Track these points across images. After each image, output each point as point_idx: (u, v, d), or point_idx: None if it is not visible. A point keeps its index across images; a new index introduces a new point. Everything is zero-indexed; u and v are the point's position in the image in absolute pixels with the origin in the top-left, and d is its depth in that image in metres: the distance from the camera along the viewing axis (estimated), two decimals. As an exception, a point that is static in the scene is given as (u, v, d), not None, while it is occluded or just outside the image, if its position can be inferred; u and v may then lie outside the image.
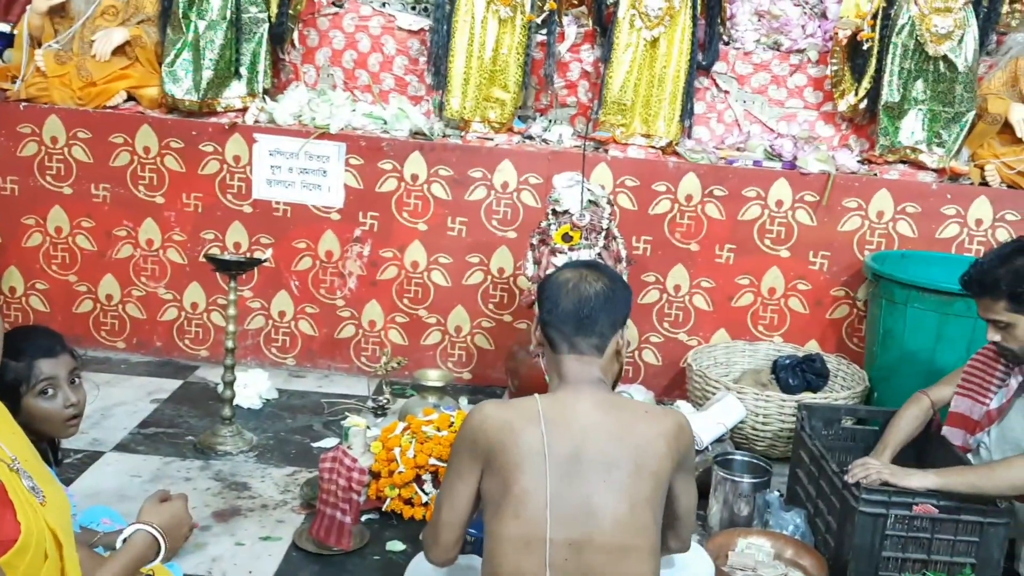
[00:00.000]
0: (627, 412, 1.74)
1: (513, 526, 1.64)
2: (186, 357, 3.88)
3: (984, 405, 2.53)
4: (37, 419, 1.88)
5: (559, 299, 1.77)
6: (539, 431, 1.66)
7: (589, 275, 1.80)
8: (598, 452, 1.66)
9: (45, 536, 1.46)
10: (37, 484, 1.51)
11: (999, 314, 2.33)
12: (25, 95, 3.76)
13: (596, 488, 1.64)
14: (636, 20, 3.75)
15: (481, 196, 3.70)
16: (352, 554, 2.50)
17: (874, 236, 3.63)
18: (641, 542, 1.65)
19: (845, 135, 3.99)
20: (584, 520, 1.63)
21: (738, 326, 3.74)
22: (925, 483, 2.30)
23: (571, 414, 1.70)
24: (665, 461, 1.69)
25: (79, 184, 3.76)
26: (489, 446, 1.69)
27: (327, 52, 4.10)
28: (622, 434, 1.69)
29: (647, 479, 1.66)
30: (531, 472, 1.64)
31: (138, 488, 2.81)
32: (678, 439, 1.73)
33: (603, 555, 1.63)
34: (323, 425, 3.37)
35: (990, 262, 2.36)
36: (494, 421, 1.70)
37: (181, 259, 3.81)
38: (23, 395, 1.85)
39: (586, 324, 1.75)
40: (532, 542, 1.62)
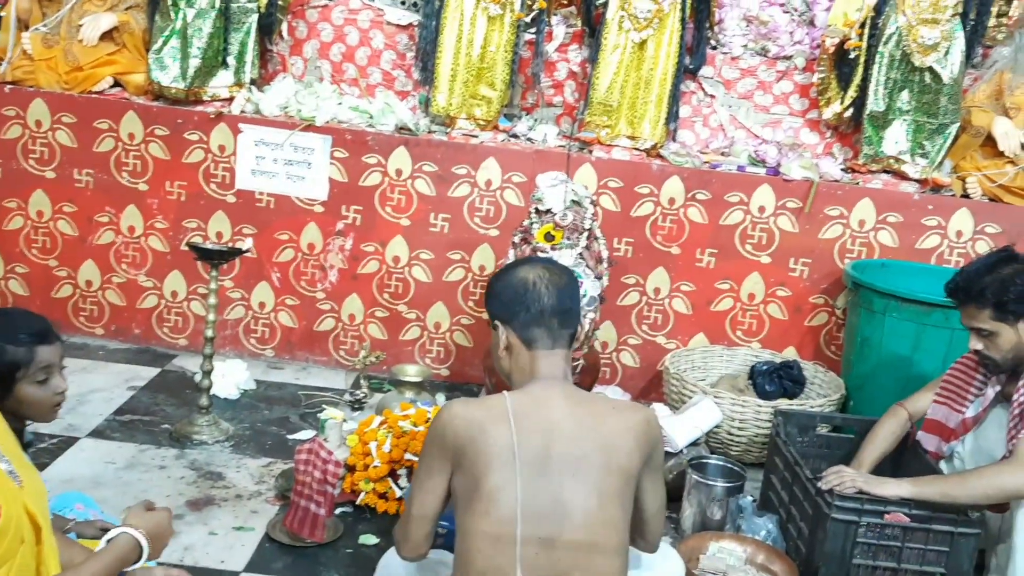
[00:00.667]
0: (596, 407, 1.75)
1: (484, 523, 1.64)
2: (165, 345, 3.87)
3: (960, 413, 2.54)
4: (26, 404, 1.88)
5: (540, 297, 1.77)
6: (509, 429, 1.66)
7: (552, 269, 1.83)
8: (567, 447, 1.67)
9: (23, 520, 1.46)
10: (15, 468, 1.51)
11: (983, 322, 2.35)
12: (11, 77, 3.74)
13: (565, 484, 1.65)
14: (625, 22, 3.75)
15: (465, 193, 3.70)
16: (325, 546, 2.51)
17: (855, 244, 3.66)
18: (610, 537, 1.66)
19: (829, 143, 4.02)
20: (554, 516, 1.64)
21: (717, 331, 3.76)
22: (899, 492, 2.31)
23: (542, 410, 1.71)
24: (634, 456, 1.70)
25: (62, 169, 3.75)
26: (458, 444, 1.69)
27: (315, 44, 4.09)
28: (591, 429, 1.69)
29: (616, 474, 1.67)
30: (501, 470, 1.65)
31: (112, 475, 2.80)
32: (647, 434, 1.74)
33: (573, 550, 1.64)
34: (300, 417, 3.37)
35: (976, 270, 2.38)
36: (462, 420, 1.70)
37: (163, 247, 3.80)
38: (19, 380, 1.84)
39: (569, 315, 1.78)
40: (503, 539, 1.63)
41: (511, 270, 1.85)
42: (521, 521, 1.62)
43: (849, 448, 2.90)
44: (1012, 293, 2.31)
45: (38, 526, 1.50)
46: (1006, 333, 2.35)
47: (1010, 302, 2.31)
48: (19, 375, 1.83)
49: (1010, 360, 2.39)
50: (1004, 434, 2.37)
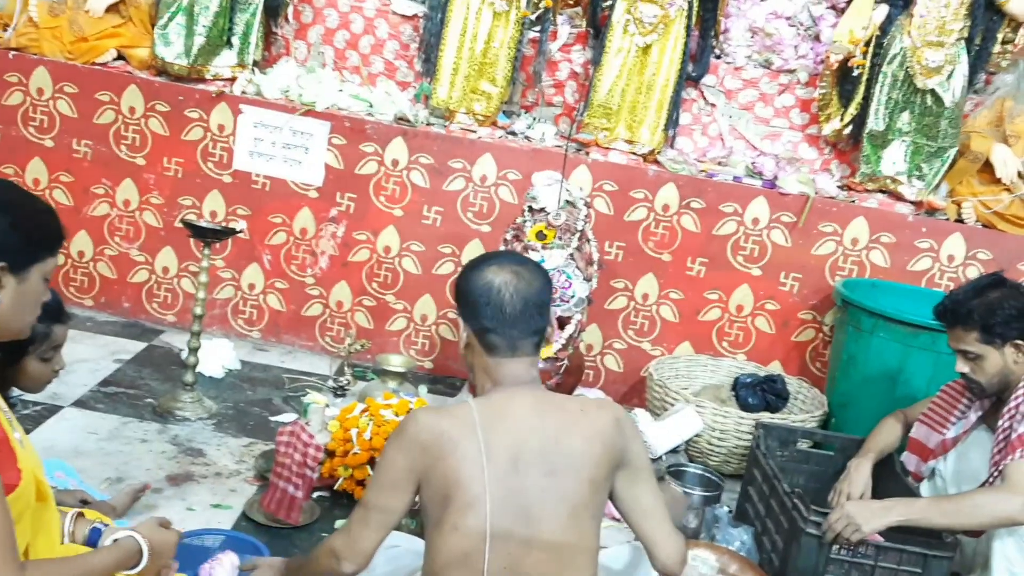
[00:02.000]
0: (563, 414, 1.70)
1: (453, 540, 1.62)
2: (153, 320, 3.88)
3: (941, 434, 2.55)
4: (27, 376, 1.90)
5: (502, 306, 1.69)
6: (477, 441, 1.63)
7: (524, 273, 1.73)
8: (535, 458, 1.65)
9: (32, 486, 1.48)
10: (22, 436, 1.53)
11: (970, 345, 2.36)
12: (15, 44, 3.73)
13: (535, 495, 1.63)
14: (630, 25, 3.76)
15: (459, 187, 3.71)
16: (301, 529, 2.52)
17: (847, 262, 3.67)
18: (580, 546, 1.65)
19: (827, 159, 4.03)
20: (523, 526, 1.62)
21: (703, 340, 3.77)
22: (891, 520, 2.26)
23: (508, 420, 1.67)
24: (602, 462, 1.67)
25: (61, 138, 3.74)
26: (426, 456, 1.64)
27: (320, 30, 4.09)
28: (558, 439, 1.66)
29: (584, 483, 1.65)
30: (470, 484, 1.61)
31: (94, 445, 2.81)
32: (617, 434, 1.69)
33: (543, 561, 1.62)
34: (283, 400, 3.38)
35: (965, 293, 2.40)
36: (430, 433, 1.65)
37: (156, 222, 3.80)
38: (29, 353, 1.85)
39: (531, 323, 1.71)
40: (472, 553, 1.61)
41: (479, 269, 1.75)
42: (491, 535, 1.61)
43: (829, 465, 2.91)
44: (999, 316, 2.32)
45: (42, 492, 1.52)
46: (992, 356, 2.35)
47: (997, 325, 2.32)
48: (31, 349, 1.84)
49: (995, 384, 2.40)
50: (987, 458, 2.37)
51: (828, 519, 2.30)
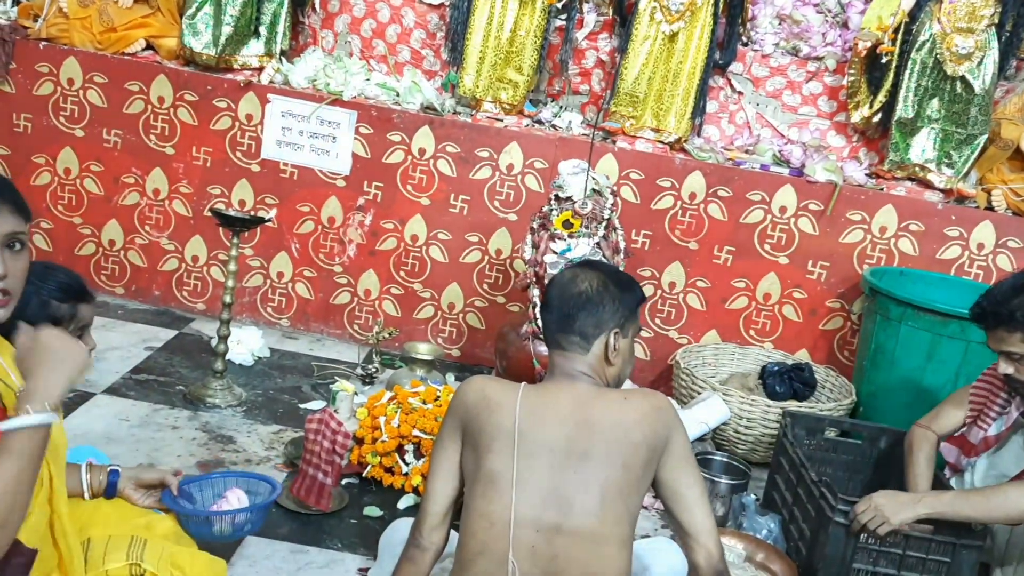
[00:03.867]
0: (604, 402, 1.72)
1: (482, 504, 1.66)
2: (183, 308, 3.92)
3: (983, 430, 2.49)
4: None
5: (549, 296, 1.80)
6: (513, 415, 1.67)
7: (581, 274, 1.80)
8: (570, 442, 1.66)
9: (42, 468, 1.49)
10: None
11: (1014, 346, 2.24)
12: (45, 35, 3.77)
13: (566, 478, 1.65)
14: (657, 13, 3.74)
15: (486, 176, 3.72)
16: (330, 515, 2.54)
17: (875, 251, 3.65)
18: (612, 533, 1.65)
19: (855, 147, 4.00)
20: (554, 508, 1.63)
21: (730, 328, 3.76)
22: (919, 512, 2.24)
23: (549, 405, 1.70)
24: (639, 449, 1.67)
25: (91, 128, 3.78)
26: (467, 415, 1.72)
27: (346, 19, 4.10)
28: (595, 425, 1.68)
29: (618, 469, 1.66)
30: (500, 454, 1.65)
31: (125, 432, 2.85)
32: (657, 422, 1.70)
33: (573, 544, 1.63)
34: (312, 387, 3.40)
35: (1003, 292, 2.27)
36: (475, 393, 1.73)
37: (186, 211, 3.83)
38: None
39: (566, 323, 1.76)
40: (497, 524, 1.63)
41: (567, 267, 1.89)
42: (517, 508, 1.63)
43: (856, 453, 2.92)
44: None
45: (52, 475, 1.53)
46: None
47: None
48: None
49: None
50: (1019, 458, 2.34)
51: (855, 509, 2.29)
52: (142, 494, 1.86)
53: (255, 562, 2.29)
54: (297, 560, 2.34)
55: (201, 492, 1.99)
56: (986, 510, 2.21)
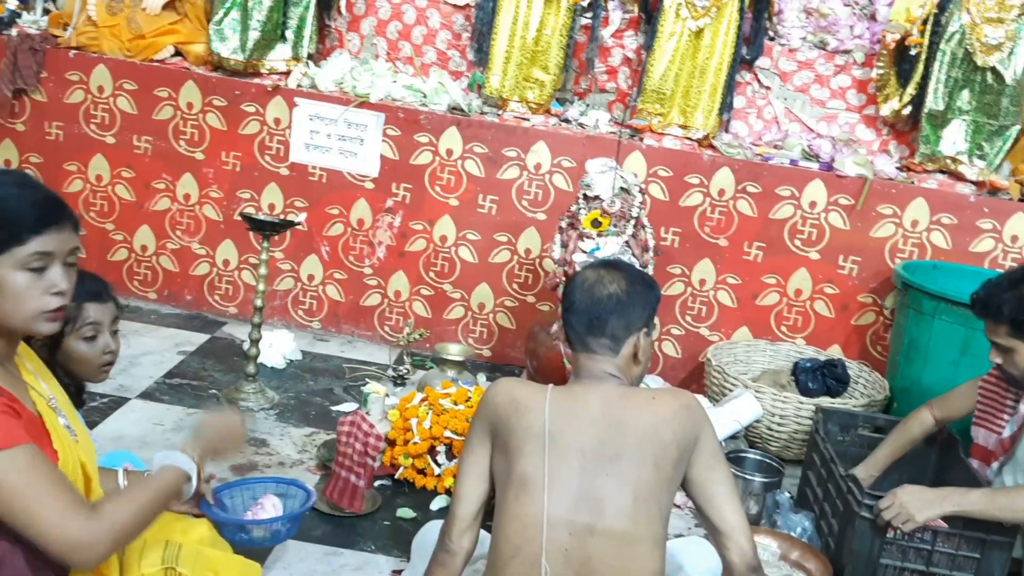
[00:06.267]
0: (633, 402, 1.71)
1: (514, 507, 1.65)
2: (215, 312, 3.95)
3: (998, 434, 2.48)
4: (74, 360, 1.93)
5: (574, 299, 1.77)
6: (542, 417, 1.67)
7: (606, 276, 1.78)
8: (601, 443, 1.66)
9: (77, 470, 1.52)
10: (71, 423, 1.56)
11: (1000, 338, 2.30)
12: (75, 43, 3.82)
13: (598, 479, 1.64)
14: (682, 9, 3.73)
15: (514, 176, 3.72)
16: (363, 517, 2.56)
17: (907, 244, 3.61)
18: (645, 533, 1.64)
19: (885, 140, 3.95)
20: (586, 510, 1.63)
21: (761, 325, 3.74)
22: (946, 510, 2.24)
23: (578, 406, 1.70)
24: (670, 449, 1.66)
25: (122, 134, 3.83)
26: (496, 418, 1.72)
27: (372, 21, 4.11)
28: (626, 425, 1.68)
29: (649, 468, 1.65)
30: (531, 456, 1.65)
31: (160, 436, 2.88)
32: (687, 420, 1.69)
33: (605, 544, 1.62)
34: (343, 389, 3.42)
35: (998, 285, 2.33)
36: (504, 396, 1.73)
37: (216, 216, 3.87)
38: (67, 335, 1.90)
39: (596, 326, 1.74)
40: (530, 526, 1.63)
41: (586, 267, 1.85)
42: (549, 510, 1.62)
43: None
44: None
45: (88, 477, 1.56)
46: (1022, 350, 2.28)
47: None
48: (67, 329, 1.88)
49: None
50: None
51: (879, 505, 2.28)
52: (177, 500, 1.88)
53: (289, 565, 2.31)
54: (331, 562, 2.36)
55: (237, 498, 2.01)
56: (1011, 510, 2.21)
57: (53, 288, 1.43)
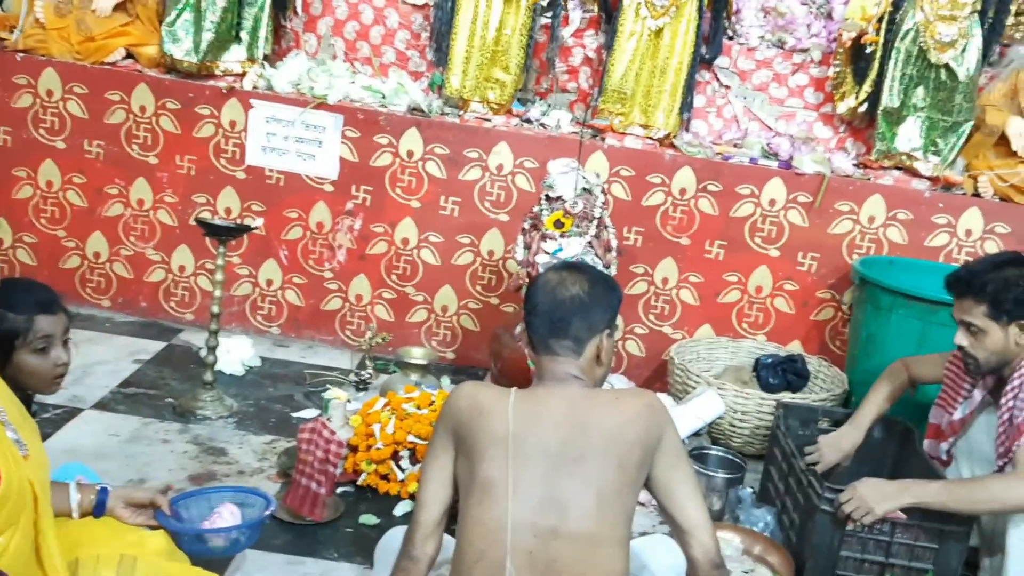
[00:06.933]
0: (597, 403, 1.72)
1: (478, 512, 1.65)
2: (171, 319, 3.88)
3: (950, 415, 2.55)
4: (25, 373, 1.88)
5: (537, 301, 1.77)
6: (506, 420, 1.67)
7: (568, 278, 1.78)
8: (564, 445, 1.66)
9: (26, 489, 1.48)
10: (21, 437, 1.52)
11: (976, 318, 2.34)
12: (23, 46, 3.73)
13: (562, 481, 1.64)
14: (642, 9, 3.73)
15: (475, 177, 3.70)
16: (325, 525, 2.53)
17: (864, 240, 3.65)
18: (609, 534, 1.65)
19: (843, 138, 4.00)
20: (550, 512, 1.63)
21: (723, 322, 3.76)
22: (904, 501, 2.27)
23: (541, 409, 1.70)
24: (633, 448, 1.67)
25: (73, 139, 3.74)
26: (459, 423, 1.71)
27: (329, 21, 4.06)
28: (589, 426, 1.68)
29: (612, 469, 1.65)
30: (495, 460, 1.65)
31: (115, 447, 2.82)
32: (650, 420, 1.70)
33: (570, 547, 1.62)
34: (304, 396, 3.38)
35: (982, 265, 2.38)
36: (467, 400, 1.73)
37: (171, 221, 3.80)
38: (17, 348, 1.84)
39: (559, 328, 1.74)
40: (494, 530, 1.63)
41: (547, 270, 1.85)
42: (513, 513, 1.62)
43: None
44: (1012, 293, 2.30)
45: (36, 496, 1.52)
46: (994, 333, 2.33)
47: (1007, 302, 2.30)
48: (17, 343, 1.83)
49: (992, 362, 2.37)
50: (993, 439, 2.37)
51: (839, 498, 2.30)
52: (132, 512, 1.84)
53: (249, 574, 2.28)
54: (293, 571, 2.33)
55: (193, 508, 1.97)
56: (969, 502, 2.24)
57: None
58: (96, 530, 1.79)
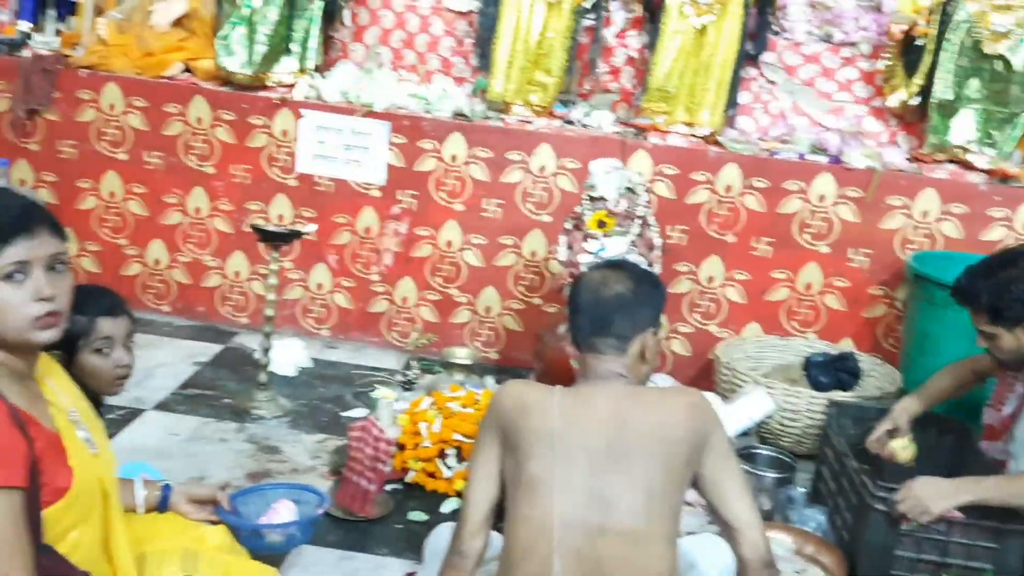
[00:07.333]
0: (642, 402, 1.72)
1: (524, 509, 1.66)
2: (227, 323, 3.99)
3: (999, 412, 2.50)
4: (87, 373, 1.97)
5: (580, 300, 1.78)
6: (550, 419, 1.67)
7: (611, 276, 1.78)
8: (610, 443, 1.66)
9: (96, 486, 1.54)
10: (92, 436, 1.58)
11: (983, 325, 2.31)
12: (86, 62, 3.87)
13: (608, 479, 1.64)
14: (686, 7, 3.72)
15: (518, 179, 3.73)
16: (375, 522, 2.57)
17: (917, 235, 3.58)
18: (657, 532, 1.64)
19: (894, 132, 3.93)
20: (597, 509, 1.63)
21: (771, 321, 3.72)
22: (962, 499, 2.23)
23: (587, 408, 1.70)
24: (680, 447, 1.66)
25: (134, 151, 3.88)
26: (504, 421, 1.72)
27: (376, 31, 4.15)
28: (635, 424, 1.67)
29: (659, 468, 1.65)
30: (540, 458, 1.66)
31: (176, 446, 2.92)
32: (694, 419, 1.69)
33: (617, 544, 1.62)
34: (353, 396, 3.45)
35: (974, 272, 2.34)
36: (512, 398, 1.74)
37: (227, 228, 3.91)
38: (79, 348, 1.94)
39: (602, 326, 1.74)
40: (541, 527, 1.63)
41: (590, 269, 1.86)
42: (559, 510, 1.63)
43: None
44: (1006, 299, 2.24)
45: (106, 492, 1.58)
46: (1004, 337, 2.28)
47: (1005, 309, 2.25)
48: (80, 343, 1.92)
49: (1016, 362, 2.33)
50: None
51: (895, 497, 2.26)
52: (194, 508, 1.90)
53: (304, 569, 2.33)
54: (345, 567, 2.38)
55: (251, 504, 2.04)
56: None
57: (37, 295, 1.41)
58: (160, 525, 1.85)
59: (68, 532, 1.49)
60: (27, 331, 1.42)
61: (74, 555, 1.49)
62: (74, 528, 1.50)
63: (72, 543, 1.50)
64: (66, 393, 1.60)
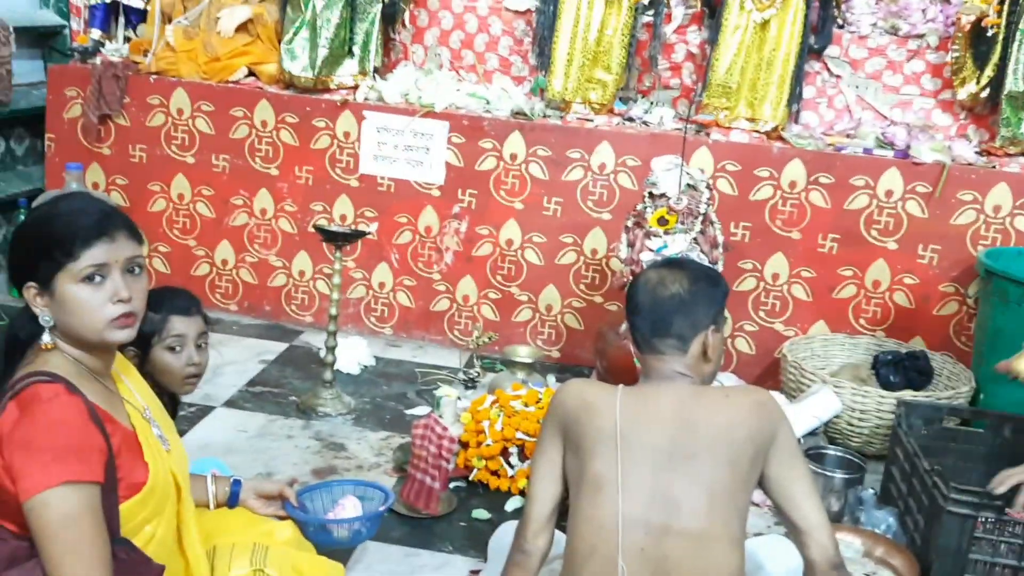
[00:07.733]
0: (706, 401, 1.70)
1: (589, 508, 1.66)
2: (292, 322, 4.06)
3: None
4: (159, 370, 2.03)
5: (638, 301, 1.77)
6: (613, 418, 1.67)
7: (668, 276, 1.76)
8: (674, 443, 1.65)
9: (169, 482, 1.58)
10: (164, 433, 1.63)
11: None
12: (155, 68, 3.97)
13: (673, 479, 1.64)
14: (747, 2, 3.67)
15: (578, 177, 3.72)
16: (440, 519, 2.60)
17: (989, 231, 3.48)
18: (722, 532, 1.63)
19: (963, 125, 3.82)
20: (661, 509, 1.63)
21: (838, 319, 3.65)
22: None
23: (651, 407, 1.69)
24: (745, 447, 1.65)
25: (201, 154, 3.97)
26: (567, 420, 1.72)
27: (435, 32, 4.17)
28: (699, 424, 1.66)
29: (724, 468, 1.64)
30: (604, 457, 1.66)
31: (245, 442, 2.98)
32: (761, 418, 1.67)
33: (682, 544, 1.62)
34: (416, 393, 3.48)
35: None
36: (574, 398, 1.74)
37: (291, 228, 3.98)
38: (153, 345, 2.00)
39: (661, 327, 1.73)
40: (605, 527, 1.63)
41: (647, 269, 1.85)
42: (624, 509, 1.62)
43: (978, 442, 2.80)
44: None
45: (179, 487, 1.62)
46: None
47: None
48: (153, 340, 1.98)
49: None
50: None
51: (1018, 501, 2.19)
52: (263, 503, 1.94)
53: (370, 566, 2.36)
54: (410, 563, 2.40)
55: (318, 500, 2.07)
56: None
57: (115, 296, 1.46)
58: (230, 520, 1.89)
59: (143, 526, 1.53)
60: (104, 331, 1.47)
61: (149, 548, 1.53)
62: (149, 522, 1.54)
63: (147, 536, 1.54)
64: (140, 391, 1.65)
